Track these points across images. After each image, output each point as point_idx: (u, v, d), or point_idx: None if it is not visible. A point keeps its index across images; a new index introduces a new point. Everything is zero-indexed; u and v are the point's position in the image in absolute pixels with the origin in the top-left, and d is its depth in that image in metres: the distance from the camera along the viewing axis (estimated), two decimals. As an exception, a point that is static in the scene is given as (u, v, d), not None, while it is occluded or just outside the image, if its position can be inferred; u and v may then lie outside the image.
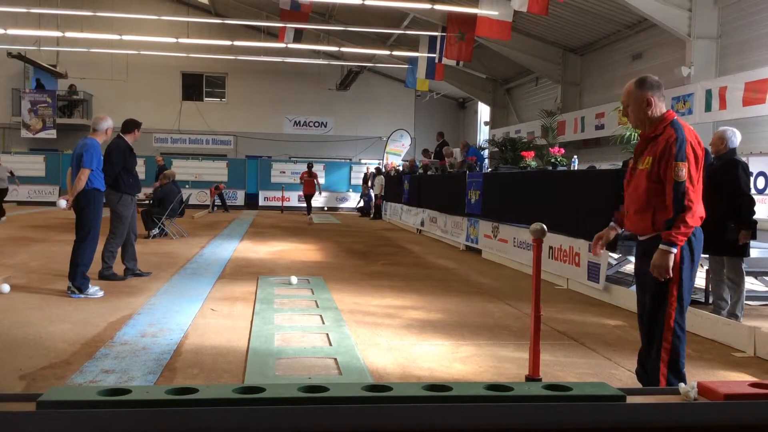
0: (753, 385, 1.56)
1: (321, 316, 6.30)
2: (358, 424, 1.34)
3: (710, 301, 6.86)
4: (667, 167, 3.53)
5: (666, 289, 3.57)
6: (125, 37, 21.72)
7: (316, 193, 23.57)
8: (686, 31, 13.09)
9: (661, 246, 3.51)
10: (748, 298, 6.90)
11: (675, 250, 3.49)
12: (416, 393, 1.48)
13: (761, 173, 10.08)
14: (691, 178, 3.50)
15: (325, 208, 27.60)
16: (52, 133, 27.98)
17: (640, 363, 3.90)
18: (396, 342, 5.41)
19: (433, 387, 1.52)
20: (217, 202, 25.48)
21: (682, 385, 1.58)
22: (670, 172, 3.51)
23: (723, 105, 11.67)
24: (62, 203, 7.33)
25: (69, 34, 21.15)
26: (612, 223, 3.99)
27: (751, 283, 7.44)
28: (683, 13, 13.03)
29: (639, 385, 4.02)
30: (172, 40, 21.77)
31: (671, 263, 3.49)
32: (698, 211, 3.52)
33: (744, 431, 1.42)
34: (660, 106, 3.69)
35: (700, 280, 7.00)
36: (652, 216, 3.63)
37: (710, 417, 1.43)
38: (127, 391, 1.44)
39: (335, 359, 4.81)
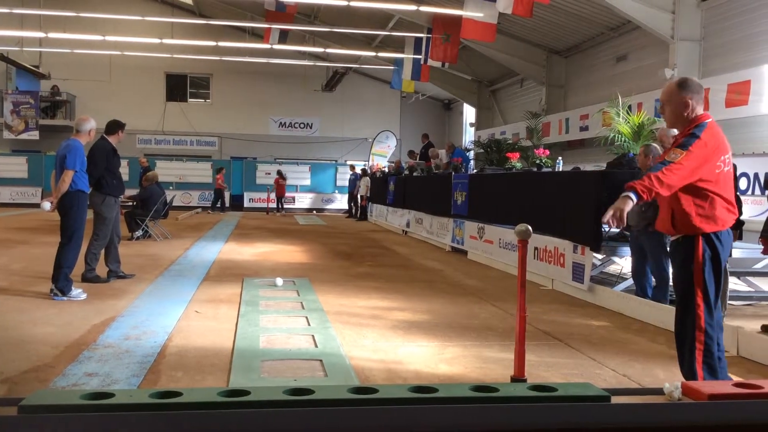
0: (737, 384, 1.57)
1: (306, 317, 6.28)
2: (344, 427, 1.34)
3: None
4: None
5: (691, 294, 3.62)
6: (109, 38, 21.54)
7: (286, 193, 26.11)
8: (669, 33, 13.21)
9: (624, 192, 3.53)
10: (731, 298, 6.96)
11: (634, 197, 3.46)
12: (402, 395, 1.48)
13: (743, 174, 10.19)
14: (682, 165, 3.47)
15: (314, 212, 27.56)
16: (34, 135, 27.74)
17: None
18: (382, 343, 5.40)
19: (419, 389, 1.52)
20: (208, 201, 25.41)
21: (666, 385, 1.60)
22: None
23: (706, 106, 11.75)
24: (46, 205, 7.25)
25: (52, 35, 20.96)
26: None
27: (734, 283, 7.51)
28: (666, 16, 13.15)
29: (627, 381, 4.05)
30: (156, 40, 21.62)
31: (626, 209, 3.48)
32: (671, 184, 3.49)
33: (728, 431, 1.42)
34: (697, 109, 3.70)
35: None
36: (671, 218, 3.67)
37: (694, 417, 1.44)
38: (110, 395, 1.42)
39: (321, 361, 4.80)
